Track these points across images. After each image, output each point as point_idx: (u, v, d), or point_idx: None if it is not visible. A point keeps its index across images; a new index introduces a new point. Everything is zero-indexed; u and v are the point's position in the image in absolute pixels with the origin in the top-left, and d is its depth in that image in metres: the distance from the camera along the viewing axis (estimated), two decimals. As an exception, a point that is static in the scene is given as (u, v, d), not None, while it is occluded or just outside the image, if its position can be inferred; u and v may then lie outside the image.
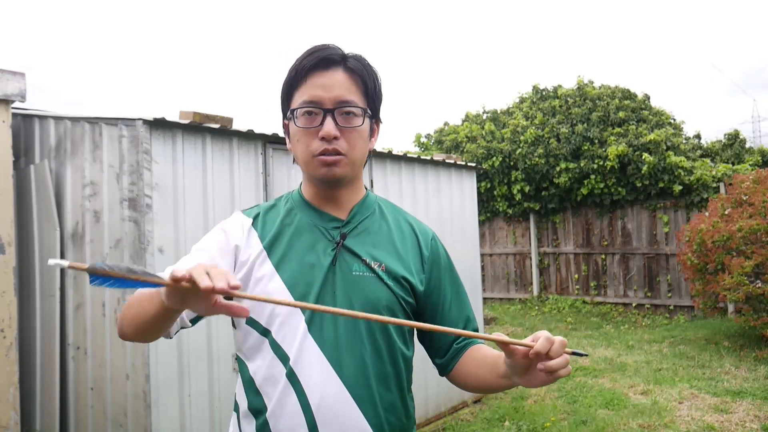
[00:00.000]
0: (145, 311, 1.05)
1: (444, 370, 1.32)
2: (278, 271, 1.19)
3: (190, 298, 0.91)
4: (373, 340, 1.19)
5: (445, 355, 1.30)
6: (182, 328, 1.19)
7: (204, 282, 0.84)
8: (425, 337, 1.33)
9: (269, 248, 1.22)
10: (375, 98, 1.23)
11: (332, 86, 1.17)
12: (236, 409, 1.27)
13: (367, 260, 1.21)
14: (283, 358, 1.16)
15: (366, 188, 1.35)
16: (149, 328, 1.07)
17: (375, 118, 1.26)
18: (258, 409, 1.19)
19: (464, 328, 1.29)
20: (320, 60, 1.17)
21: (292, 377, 1.15)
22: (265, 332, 1.18)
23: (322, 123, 1.16)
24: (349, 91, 1.18)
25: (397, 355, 1.24)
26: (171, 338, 1.20)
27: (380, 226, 1.29)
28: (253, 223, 1.26)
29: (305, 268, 1.19)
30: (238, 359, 1.27)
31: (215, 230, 1.27)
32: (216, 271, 0.87)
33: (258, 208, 1.31)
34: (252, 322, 1.20)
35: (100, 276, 0.87)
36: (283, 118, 1.26)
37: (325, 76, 1.17)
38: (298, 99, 1.18)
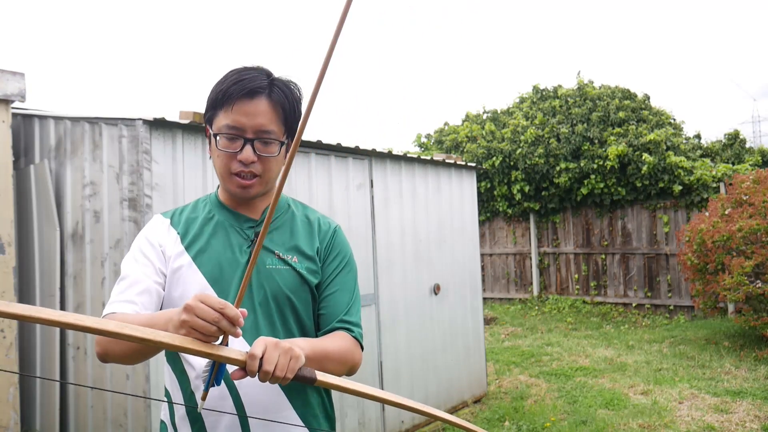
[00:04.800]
0: (142, 345, 1.13)
1: None
2: (198, 266, 1.32)
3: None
4: (286, 324, 1.33)
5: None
6: None
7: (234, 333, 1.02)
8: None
9: (188, 245, 1.35)
10: (293, 120, 1.34)
11: (255, 115, 1.27)
12: (166, 394, 1.38)
13: (281, 254, 1.35)
14: None
15: None
16: (146, 354, 1.22)
17: (290, 137, 1.36)
18: (186, 387, 1.31)
19: (328, 329, 1.36)
20: (247, 91, 1.26)
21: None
22: None
23: (242, 149, 1.28)
24: (270, 120, 1.29)
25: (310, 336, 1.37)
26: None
27: (291, 222, 1.42)
28: (171, 222, 1.40)
29: (224, 265, 1.32)
30: None
31: (144, 241, 1.37)
32: (231, 314, 1.00)
33: (175, 209, 1.46)
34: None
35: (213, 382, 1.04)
36: (205, 123, 1.37)
37: (249, 104, 1.27)
38: (222, 121, 1.28)
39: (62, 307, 3.47)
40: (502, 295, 10.77)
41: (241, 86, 1.26)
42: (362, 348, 1.37)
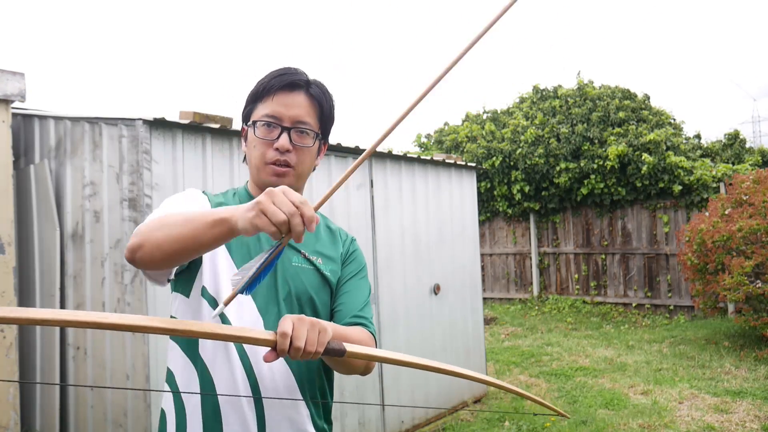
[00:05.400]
0: (200, 236, 1.05)
1: None
2: (228, 251, 1.33)
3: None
4: None
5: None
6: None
7: (298, 234, 0.97)
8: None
9: None
10: (328, 122, 1.40)
11: (293, 106, 1.33)
12: (170, 379, 1.34)
13: (307, 254, 1.39)
14: (226, 323, 1.28)
15: None
16: (191, 251, 1.08)
17: (324, 139, 1.42)
18: (205, 375, 1.29)
19: (346, 320, 1.38)
20: (287, 83, 1.33)
21: (241, 351, 1.28)
22: (204, 292, 1.30)
23: (278, 137, 1.32)
24: (307, 113, 1.34)
25: None
26: (171, 278, 1.29)
27: (317, 228, 1.45)
28: (206, 197, 1.40)
29: (254, 255, 1.32)
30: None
31: (187, 194, 1.36)
32: (308, 215, 0.97)
33: (204, 190, 1.45)
34: (208, 295, 1.30)
35: (250, 286, 0.98)
36: (243, 124, 1.42)
37: (289, 96, 1.33)
38: (261, 112, 1.34)
39: (62, 308, 3.47)
40: (502, 295, 10.77)
41: (282, 79, 1.33)
42: (377, 345, 1.39)
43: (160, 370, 2.97)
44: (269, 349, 1.05)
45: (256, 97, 1.36)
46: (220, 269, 1.31)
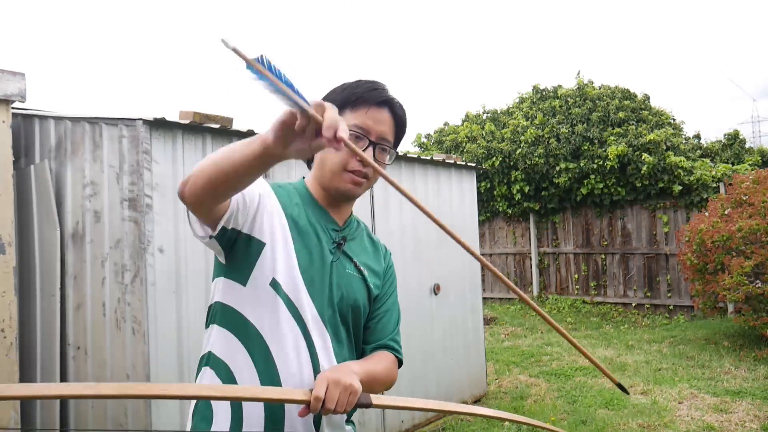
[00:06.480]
0: (237, 157, 1.08)
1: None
2: (294, 247, 1.34)
3: (298, 139, 0.99)
4: (347, 329, 1.41)
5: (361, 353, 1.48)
6: (210, 234, 1.25)
7: (330, 132, 0.94)
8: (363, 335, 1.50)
9: (289, 222, 1.35)
10: (399, 139, 1.47)
11: (381, 122, 1.38)
12: (210, 361, 1.35)
13: (358, 263, 1.44)
14: (298, 319, 1.32)
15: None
16: (234, 177, 1.10)
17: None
18: (266, 354, 1.30)
19: (378, 345, 1.45)
20: (381, 100, 1.38)
21: (307, 336, 1.32)
22: (276, 286, 1.31)
23: (364, 150, 1.35)
24: (390, 131, 1.41)
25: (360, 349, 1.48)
26: (214, 235, 1.26)
27: (361, 238, 1.51)
28: (271, 187, 1.39)
29: (315, 257, 1.36)
30: (225, 310, 1.34)
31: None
32: (342, 125, 0.96)
33: (269, 181, 1.46)
34: (282, 292, 1.32)
35: (257, 72, 0.87)
36: None
37: (379, 112, 1.38)
38: (351, 121, 1.36)
39: (62, 308, 3.47)
40: (502, 295, 10.78)
41: (378, 94, 1.38)
42: (401, 365, 1.46)
43: (160, 369, 2.97)
44: (303, 405, 1.16)
45: (347, 103, 1.38)
46: (280, 266, 1.31)
